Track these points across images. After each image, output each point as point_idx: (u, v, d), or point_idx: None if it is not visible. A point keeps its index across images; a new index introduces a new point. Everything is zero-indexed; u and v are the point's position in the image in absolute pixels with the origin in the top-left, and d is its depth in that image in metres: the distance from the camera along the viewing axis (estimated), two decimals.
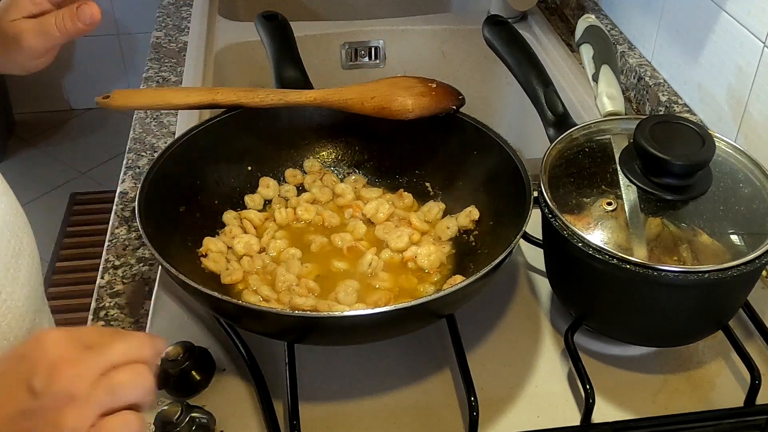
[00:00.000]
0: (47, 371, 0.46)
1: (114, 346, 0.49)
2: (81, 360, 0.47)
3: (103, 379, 0.47)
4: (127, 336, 0.51)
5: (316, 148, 0.92)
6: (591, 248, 0.67)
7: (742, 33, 0.94)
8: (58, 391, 0.46)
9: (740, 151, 0.75)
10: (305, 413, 0.67)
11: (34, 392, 0.46)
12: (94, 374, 0.47)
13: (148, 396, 0.49)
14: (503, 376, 0.73)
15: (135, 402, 0.49)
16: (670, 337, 0.74)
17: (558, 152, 0.77)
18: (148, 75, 1.24)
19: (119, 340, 0.50)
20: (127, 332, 0.52)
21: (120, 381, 0.48)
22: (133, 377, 0.48)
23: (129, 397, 0.48)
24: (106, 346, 0.49)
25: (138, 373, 0.49)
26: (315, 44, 1.37)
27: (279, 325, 0.66)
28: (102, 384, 0.47)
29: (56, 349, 0.47)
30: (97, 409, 0.47)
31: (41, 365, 0.46)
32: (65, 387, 0.46)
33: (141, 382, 0.49)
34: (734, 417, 0.70)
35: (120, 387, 0.48)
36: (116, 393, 0.47)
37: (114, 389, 0.47)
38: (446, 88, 0.86)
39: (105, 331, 0.53)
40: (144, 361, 0.50)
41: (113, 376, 0.48)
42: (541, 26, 1.38)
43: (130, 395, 0.48)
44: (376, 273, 0.78)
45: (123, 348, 0.49)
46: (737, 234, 0.69)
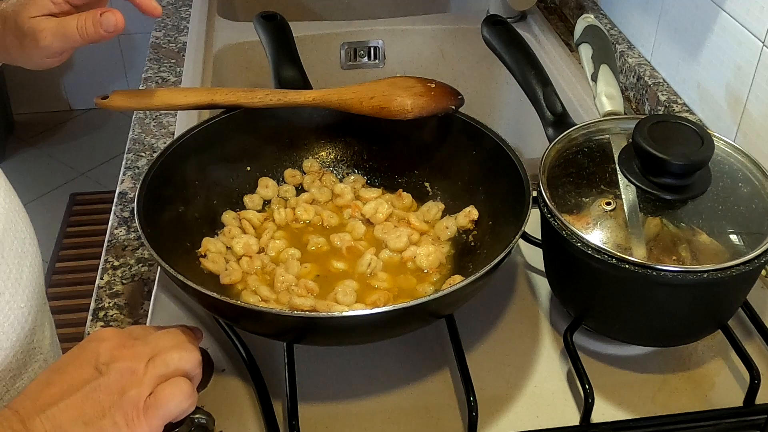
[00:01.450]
0: (109, 353, 0.55)
1: (161, 334, 0.59)
2: (136, 345, 0.57)
3: (157, 357, 0.56)
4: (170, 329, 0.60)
5: (315, 148, 0.92)
6: (590, 248, 0.67)
7: (741, 32, 0.94)
8: (120, 366, 0.55)
9: (739, 150, 0.75)
10: (304, 413, 0.67)
11: (99, 370, 0.54)
12: (148, 355, 0.56)
13: (197, 366, 0.58)
14: (502, 376, 0.73)
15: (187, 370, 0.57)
16: (669, 337, 0.74)
17: (557, 152, 0.77)
18: (147, 75, 1.24)
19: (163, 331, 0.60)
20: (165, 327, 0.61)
21: (172, 356, 0.57)
22: (182, 353, 0.57)
23: (181, 367, 0.57)
24: (153, 335, 0.59)
25: (186, 349, 0.58)
26: (314, 44, 1.37)
27: (278, 326, 0.66)
28: (156, 361, 0.56)
29: (114, 338, 0.57)
30: (155, 380, 0.55)
31: (103, 349, 0.56)
32: (126, 364, 0.55)
33: (189, 355, 0.58)
34: (733, 416, 0.70)
35: (172, 360, 0.57)
36: (169, 365, 0.56)
37: (166, 362, 0.56)
38: (445, 88, 0.86)
39: (148, 328, 0.62)
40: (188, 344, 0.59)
41: (166, 353, 0.57)
42: (540, 26, 1.38)
43: (181, 365, 0.57)
44: (375, 273, 0.78)
45: (168, 335, 0.59)
46: (736, 233, 0.69)
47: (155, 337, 0.59)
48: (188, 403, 0.56)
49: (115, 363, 0.55)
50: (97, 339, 0.57)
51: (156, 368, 0.56)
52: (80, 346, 0.57)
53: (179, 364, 0.57)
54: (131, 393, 0.54)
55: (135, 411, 0.54)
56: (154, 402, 0.54)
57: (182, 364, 0.57)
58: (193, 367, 0.58)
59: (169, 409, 0.55)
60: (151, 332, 0.60)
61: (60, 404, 0.53)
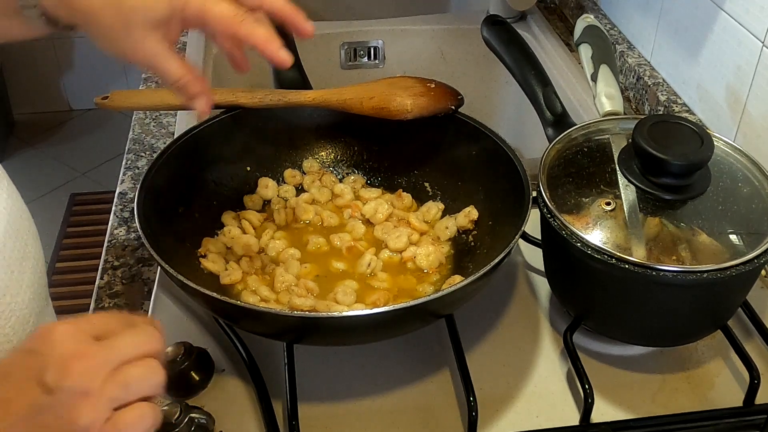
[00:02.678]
0: (59, 367, 0.46)
1: (123, 339, 0.49)
2: (92, 355, 0.47)
3: (116, 373, 0.48)
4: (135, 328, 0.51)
5: (315, 148, 0.92)
6: (590, 248, 0.67)
7: (740, 32, 0.94)
8: (71, 386, 0.46)
9: (739, 150, 0.75)
10: (304, 413, 0.67)
11: (47, 388, 0.46)
12: (107, 369, 0.47)
13: (159, 388, 0.50)
14: (502, 376, 0.73)
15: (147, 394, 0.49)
16: (669, 337, 0.74)
17: (557, 152, 0.77)
18: (147, 75, 1.24)
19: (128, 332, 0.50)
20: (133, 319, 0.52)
21: (132, 375, 0.48)
22: (144, 371, 0.49)
23: (142, 390, 0.48)
24: (115, 340, 0.49)
25: (149, 366, 0.49)
26: (314, 44, 1.37)
27: (278, 326, 0.66)
28: (115, 379, 0.47)
29: (66, 343, 0.47)
30: (111, 403, 0.47)
31: (52, 361, 0.46)
32: (78, 383, 0.46)
33: (152, 374, 0.49)
34: (733, 416, 0.70)
35: (133, 381, 0.48)
36: (129, 387, 0.48)
37: (127, 383, 0.48)
38: (445, 88, 0.86)
39: (111, 320, 0.52)
40: (153, 353, 0.50)
41: (126, 371, 0.48)
42: (540, 26, 1.38)
43: (142, 388, 0.48)
44: (375, 273, 0.78)
45: (133, 341, 0.50)
46: (736, 233, 0.69)
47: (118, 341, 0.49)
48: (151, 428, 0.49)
49: (65, 381, 0.46)
50: (47, 341, 0.48)
51: (114, 390, 0.47)
52: (26, 350, 0.49)
53: (141, 386, 0.49)
54: (84, 421, 0.46)
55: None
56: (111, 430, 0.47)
57: (144, 386, 0.49)
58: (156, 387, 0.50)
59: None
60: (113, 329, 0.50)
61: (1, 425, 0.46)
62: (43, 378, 0.46)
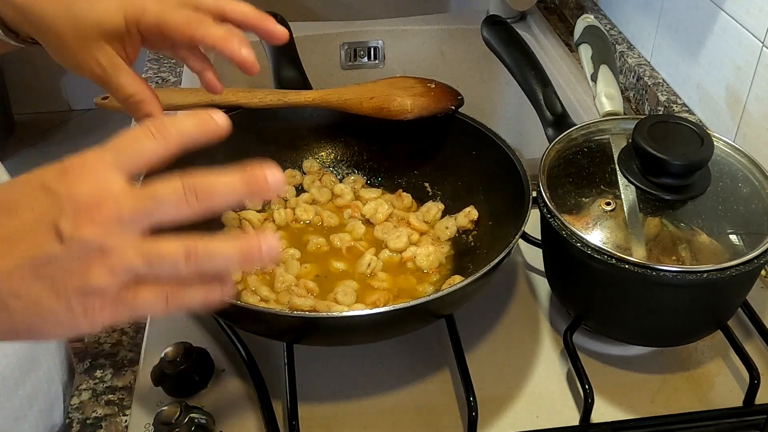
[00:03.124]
0: (76, 213, 0.39)
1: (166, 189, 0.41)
2: (118, 204, 0.40)
3: (146, 240, 0.40)
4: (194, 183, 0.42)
5: (315, 148, 0.92)
6: (590, 248, 0.67)
7: (740, 32, 0.94)
8: (87, 239, 0.39)
9: (739, 150, 0.75)
10: (304, 413, 0.67)
11: (60, 235, 0.39)
12: (136, 227, 0.40)
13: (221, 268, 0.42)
14: (502, 376, 0.73)
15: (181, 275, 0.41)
16: (669, 337, 0.74)
17: (557, 152, 0.77)
18: (147, 75, 1.24)
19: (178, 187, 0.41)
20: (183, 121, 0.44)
21: (162, 249, 0.40)
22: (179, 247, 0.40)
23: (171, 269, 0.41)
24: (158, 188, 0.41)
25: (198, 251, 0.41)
26: (314, 44, 1.37)
27: (278, 326, 0.66)
28: (141, 246, 0.40)
29: (91, 185, 0.40)
30: (130, 271, 0.40)
31: (69, 204, 0.39)
32: (96, 236, 0.39)
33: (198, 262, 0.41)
34: (733, 417, 0.70)
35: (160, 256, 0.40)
36: (153, 262, 0.40)
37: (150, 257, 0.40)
38: (445, 88, 0.86)
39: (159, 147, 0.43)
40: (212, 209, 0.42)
41: (157, 242, 0.40)
42: (540, 26, 1.38)
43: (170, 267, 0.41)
44: (375, 273, 0.78)
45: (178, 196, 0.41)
46: (736, 234, 0.69)
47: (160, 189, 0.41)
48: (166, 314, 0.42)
49: (82, 232, 0.39)
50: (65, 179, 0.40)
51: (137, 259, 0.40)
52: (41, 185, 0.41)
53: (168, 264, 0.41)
54: (95, 282, 0.40)
55: (99, 301, 0.40)
56: (128, 302, 0.41)
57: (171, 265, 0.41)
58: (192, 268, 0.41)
59: (141, 316, 0.42)
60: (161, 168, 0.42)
61: (1, 267, 0.40)
62: (58, 223, 0.39)
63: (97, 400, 0.71)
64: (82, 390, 0.72)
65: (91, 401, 0.71)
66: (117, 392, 0.71)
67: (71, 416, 0.69)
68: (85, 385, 0.72)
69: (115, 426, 0.69)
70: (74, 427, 0.69)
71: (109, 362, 0.74)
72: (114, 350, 0.76)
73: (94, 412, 0.70)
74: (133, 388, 0.71)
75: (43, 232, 0.39)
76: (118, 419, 0.69)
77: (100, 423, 0.69)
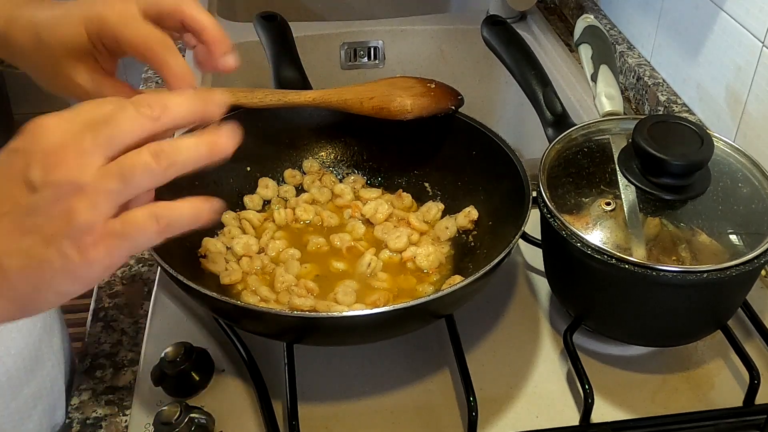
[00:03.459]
0: (44, 159, 0.40)
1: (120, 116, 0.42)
2: (80, 141, 0.41)
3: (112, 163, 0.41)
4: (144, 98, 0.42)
5: (315, 148, 0.92)
6: (590, 248, 0.67)
7: (740, 32, 0.94)
8: (59, 179, 0.40)
9: (739, 150, 0.75)
10: (304, 413, 0.67)
11: (32, 186, 0.40)
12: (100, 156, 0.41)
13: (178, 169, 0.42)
14: (502, 376, 0.73)
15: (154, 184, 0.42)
16: (669, 337, 0.74)
17: (557, 152, 0.77)
18: (147, 76, 1.24)
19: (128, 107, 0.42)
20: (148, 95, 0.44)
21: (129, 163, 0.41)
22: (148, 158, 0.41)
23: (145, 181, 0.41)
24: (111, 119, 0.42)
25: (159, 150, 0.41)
26: (314, 44, 1.37)
27: (278, 326, 0.66)
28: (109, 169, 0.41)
29: (53, 135, 0.41)
30: (111, 197, 0.41)
31: (37, 155, 0.40)
32: (66, 175, 0.40)
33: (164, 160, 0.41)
34: (733, 417, 0.70)
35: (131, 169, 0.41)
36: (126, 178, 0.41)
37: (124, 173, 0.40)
38: (445, 88, 0.86)
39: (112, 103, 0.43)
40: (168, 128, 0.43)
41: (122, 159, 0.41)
42: (540, 26, 1.38)
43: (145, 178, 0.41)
44: (375, 273, 0.78)
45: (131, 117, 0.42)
46: (736, 234, 0.69)
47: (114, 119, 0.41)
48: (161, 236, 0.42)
49: (52, 175, 0.40)
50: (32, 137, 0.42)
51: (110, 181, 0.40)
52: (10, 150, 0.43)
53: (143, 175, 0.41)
54: (81, 218, 0.40)
55: (89, 238, 0.41)
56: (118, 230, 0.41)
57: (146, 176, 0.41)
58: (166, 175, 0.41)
59: (137, 244, 0.42)
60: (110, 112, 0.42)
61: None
62: (28, 175, 0.40)
63: (97, 400, 0.71)
64: (82, 390, 0.72)
65: (91, 401, 0.71)
66: (117, 392, 0.71)
67: (71, 416, 0.69)
68: (85, 385, 0.72)
69: (115, 426, 0.69)
70: (74, 427, 0.69)
71: (109, 362, 0.74)
72: (114, 350, 0.76)
73: (94, 412, 0.70)
74: (133, 388, 0.71)
75: (15, 188, 0.40)
76: (118, 419, 0.69)
77: (100, 423, 0.69)
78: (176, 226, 0.43)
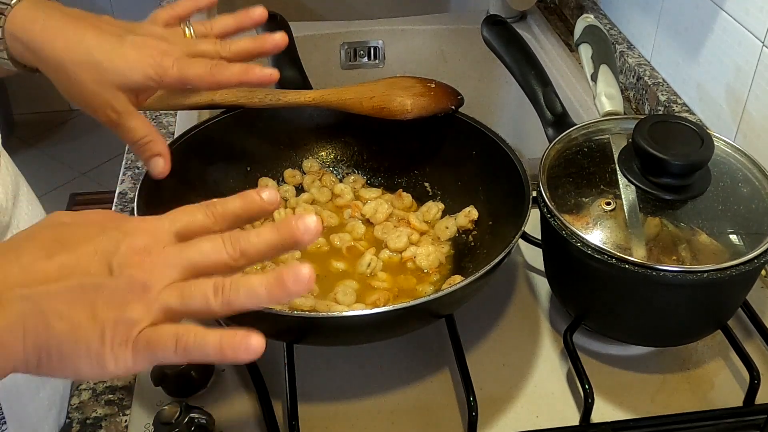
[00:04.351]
0: (128, 256, 0.44)
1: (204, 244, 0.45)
2: (168, 254, 0.45)
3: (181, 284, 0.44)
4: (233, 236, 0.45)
5: (315, 148, 0.92)
6: (590, 248, 0.67)
7: (740, 32, 0.94)
8: (137, 277, 0.43)
9: (739, 150, 0.75)
10: (304, 413, 0.67)
11: (111, 270, 0.43)
12: (175, 271, 0.44)
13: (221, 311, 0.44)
14: (502, 376, 0.73)
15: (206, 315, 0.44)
16: (669, 337, 0.74)
17: (557, 152, 0.77)
18: None
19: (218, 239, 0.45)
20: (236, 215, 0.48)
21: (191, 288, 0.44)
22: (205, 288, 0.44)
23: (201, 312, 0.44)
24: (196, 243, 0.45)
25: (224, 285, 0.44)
26: (314, 44, 1.37)
27: (278, 326, 0.66)
28: (176, 286, 0.44)
29: (141, 239, 0.45)
30: (164, 309, 0.44)
31: (123, 248, 0.44)
32: (144, 276, 0.43)
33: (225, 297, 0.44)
34: (733, 416, 0.70)
35: (190, 294, 0.44)
36: (185, 300, 0.44)
37: (183, 295, 0.44)
38: (445, 88, 0.86)
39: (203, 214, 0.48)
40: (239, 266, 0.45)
41: (188, 283, 0.44)
42: (540, 26, 1.38)
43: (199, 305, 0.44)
44: (375, 273, 0.78)
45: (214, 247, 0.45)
46: (736, 233, 0.69)
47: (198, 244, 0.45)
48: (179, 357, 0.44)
49: (130, 269, 0.44)
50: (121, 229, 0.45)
51: (171, 297, 0.44)
52: (102, 224, 0.47)
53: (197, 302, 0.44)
54: (132, 314, 0.43)
55: (127, 335, 0.43)
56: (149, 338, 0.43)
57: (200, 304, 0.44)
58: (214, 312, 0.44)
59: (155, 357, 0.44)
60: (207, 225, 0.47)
61: (51, 286, 0.43)
62: (111, 261, 0.44)
63: (97, 400, 0.71)
64: (82, 390, 0.72)
65: (91, 401, 0.71)
66: (117, 392, 0.71)
67: (71, 416, 0.69)
68: (85, 385, 0.72)
69: (115, 426, 0.69)
70: (74, 427, 0.69)
71: None
72: None
73: (94, 412, 0.70)
74: (133, 388, 0.71)
75: (96, 265, 0.44)
76: (118, 419, 0.69)
77: (100, 423, 0.69)
78: (195, 354, 0.44)
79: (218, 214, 0.48)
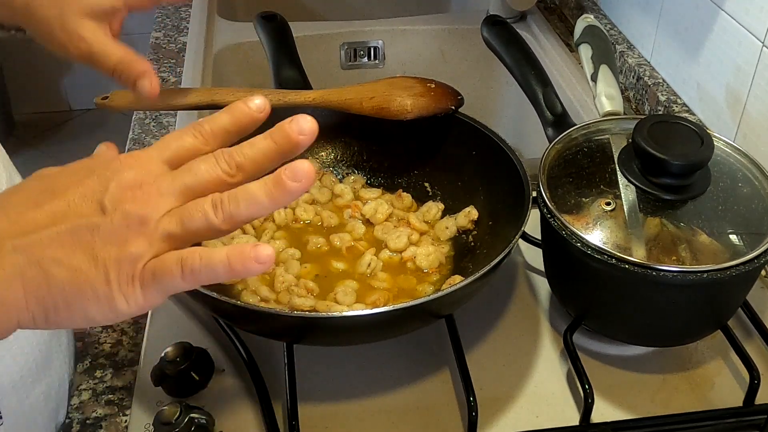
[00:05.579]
0: (120, 192, 0.43)
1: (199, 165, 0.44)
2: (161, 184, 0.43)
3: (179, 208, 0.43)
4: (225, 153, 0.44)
5: (315, 148, 0.92)
6: (590, 248, 0.67)
7: (740, 32, 0.94)
8: (128, 211, 0.42)
9: (739, 150, 0.75)
10: (304, 413, 0.67)
11: (104, 209, 0.42)
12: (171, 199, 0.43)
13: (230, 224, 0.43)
14: (502, 376, 0.73)
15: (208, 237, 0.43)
16: (669, 337, 0.74)
17: (557, 152, 0.77)
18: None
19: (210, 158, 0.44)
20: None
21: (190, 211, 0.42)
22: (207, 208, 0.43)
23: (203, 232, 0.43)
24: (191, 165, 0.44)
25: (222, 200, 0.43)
26: (314, 44, 1.37)
27: (278, 326, 0.66)
28: (173, 212, 0.43)
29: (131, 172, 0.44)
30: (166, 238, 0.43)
31: (114, 186, 0.43)
32: (136, 209, 0.42)
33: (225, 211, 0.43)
34: (733, 417, 0.70)
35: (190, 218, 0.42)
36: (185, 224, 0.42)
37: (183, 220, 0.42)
38: (445, 88, 0.86)
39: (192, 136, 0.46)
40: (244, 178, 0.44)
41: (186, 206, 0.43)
42: (540, 26, 1.38)
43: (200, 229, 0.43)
44: (375, 273, 0.78)
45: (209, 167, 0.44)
46: (736, 233, 0.69)
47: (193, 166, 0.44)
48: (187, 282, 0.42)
49: (124, 204, 0.42)
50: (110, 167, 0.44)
51: (171, 224, 0.42)
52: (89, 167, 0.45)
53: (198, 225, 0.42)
54: (134, 249, 0.42)
55: (132, 271, 0.42)
56: (154, 269, 0.42)
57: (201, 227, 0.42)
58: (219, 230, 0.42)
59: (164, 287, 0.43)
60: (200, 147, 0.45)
61: (43, 234, 0.42)
62: (102, 200, 0.42)
63: (97, 400, 0.71)
64: (82, 390, 0.72)
65: (91, 401, 0.71)
66: (117, 392, 0.71)
67: (71, 416, 0.69)
68: (85, 385, 0.72)
69: (115, 426, 0.69)
70: (74, 427, 0.69)
71: (109, 362, 0.74)
72: (114, 350, 0.76)
73: (94, 412, 0.70)
74: (133, 388, 0.71)
75: (87, 206, 0.42)
76: (118, 419, 0.69)
77: (100, 423, 0.69)
78: (202, 275, 0.42)
79: (207, 132, 0.46)
